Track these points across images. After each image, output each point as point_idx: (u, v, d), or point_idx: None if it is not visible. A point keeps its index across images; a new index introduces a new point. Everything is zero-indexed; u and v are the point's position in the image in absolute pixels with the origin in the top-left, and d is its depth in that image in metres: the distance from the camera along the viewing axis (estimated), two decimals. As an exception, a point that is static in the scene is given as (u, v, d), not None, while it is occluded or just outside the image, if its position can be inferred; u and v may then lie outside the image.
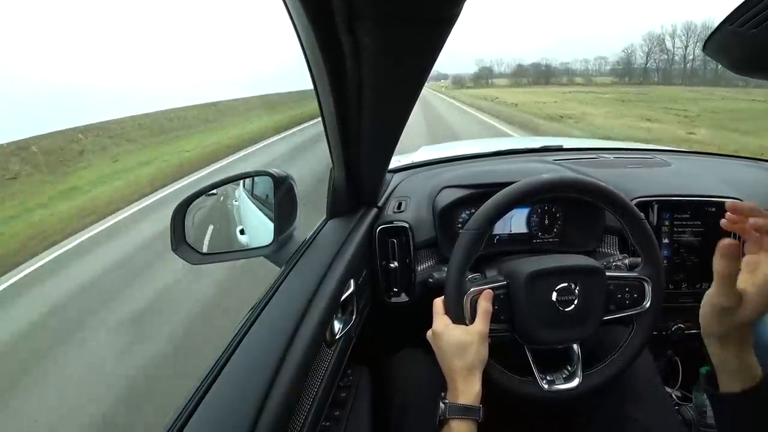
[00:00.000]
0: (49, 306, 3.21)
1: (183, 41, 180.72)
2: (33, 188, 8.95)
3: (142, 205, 6.33)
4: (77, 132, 14.78)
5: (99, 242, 4.86)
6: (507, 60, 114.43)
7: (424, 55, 0.39)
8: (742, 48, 0.41)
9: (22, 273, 4.11)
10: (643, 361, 0.73)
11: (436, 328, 0.61)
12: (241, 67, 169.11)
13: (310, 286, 0.64)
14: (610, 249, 0.98)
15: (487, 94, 39.77)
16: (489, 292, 0.62)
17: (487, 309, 0.61)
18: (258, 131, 14.24)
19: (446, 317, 0.61)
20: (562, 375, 0.66)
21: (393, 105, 0.53)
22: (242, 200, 1.03)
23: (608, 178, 0.99)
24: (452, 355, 0.58)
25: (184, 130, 17.03)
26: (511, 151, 1.36)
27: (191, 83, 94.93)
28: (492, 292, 0.62)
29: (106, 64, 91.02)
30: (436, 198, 0.98)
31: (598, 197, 0.65)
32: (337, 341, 0.68)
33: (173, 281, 3.13)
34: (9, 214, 6.86)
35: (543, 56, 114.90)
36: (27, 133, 13.53)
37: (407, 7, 0.32)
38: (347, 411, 0.72)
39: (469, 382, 0.56)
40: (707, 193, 0.98)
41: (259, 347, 0.52)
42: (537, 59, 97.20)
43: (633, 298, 0.65)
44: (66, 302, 3.23)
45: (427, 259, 0.96)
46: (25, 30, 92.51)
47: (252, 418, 0.42)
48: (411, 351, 0.88)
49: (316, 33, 0.38)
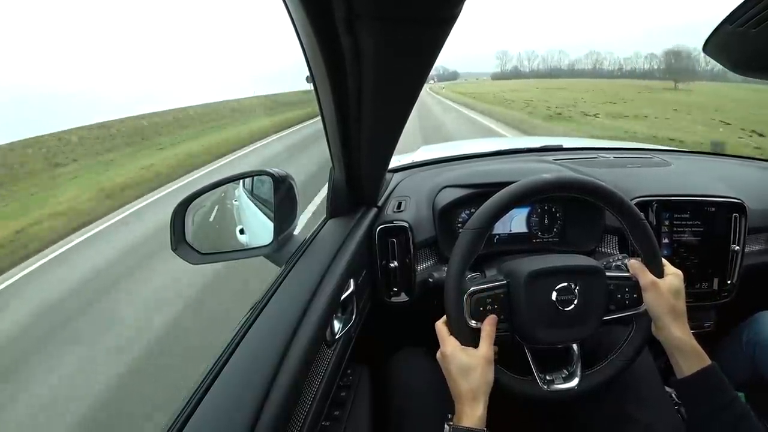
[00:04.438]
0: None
1: (182, 42, 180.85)
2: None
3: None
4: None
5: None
6: (542, 53, 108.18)
7: (423, 55, 0.39)
8: (743, 48, 0.41)
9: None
10: (643, 361, 0.74)
11: (444, 350, 0.61)
12: (239, 68, 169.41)
13: (310, 286, 0.64)
14: (610, 249, 0.98)
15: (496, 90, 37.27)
16: (493, 317, 0.62)
17: (491, 333, 0.61)
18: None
19: (452, 339, 0.61)
20: (562, 375, 0.66)
21: (393, 105, 0.53)
22: (242, 200, 1.03)
23: (608, 177, 0.99)
24: (458, 378, 0.58)
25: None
26: (511, 151, 1.36)
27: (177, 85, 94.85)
28: (496, 317, 0.62)
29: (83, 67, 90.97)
30: (436, 198, 0.98)
31: (599, 197, 0.65)
32: (337, 341, 0.68)
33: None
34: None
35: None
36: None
37: (407, 7, 0.32)
38: (347, 410, 0.72)
39: (473, 406, 0.56)
40: (706, 192, 0.98)
41: (259, 347, 0.52)
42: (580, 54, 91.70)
43: (633, 299, 0.65)
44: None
45: (426, 259, 0.96)
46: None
47: (252, 417, 0.42)
48: (411, 350, 0.88)
49: (316, 33, 0.38)
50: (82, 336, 2.66)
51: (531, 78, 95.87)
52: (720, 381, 0.57)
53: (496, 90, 39.08)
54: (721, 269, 0.98)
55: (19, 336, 2.81)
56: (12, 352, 2.62)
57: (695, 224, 0.97)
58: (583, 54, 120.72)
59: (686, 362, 0.59)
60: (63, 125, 16.08)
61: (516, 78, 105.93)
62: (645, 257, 0.65)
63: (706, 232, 0.97)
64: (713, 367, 0.58)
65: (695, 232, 0.97)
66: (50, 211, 6.35)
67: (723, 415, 0.55)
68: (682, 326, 0.60)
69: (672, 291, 0.61)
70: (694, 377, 0.58)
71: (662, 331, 0.61)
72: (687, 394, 0.60)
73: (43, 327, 2.87)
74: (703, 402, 0.57)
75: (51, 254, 4.69)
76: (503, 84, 60.96)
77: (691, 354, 0.59)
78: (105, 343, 2.49)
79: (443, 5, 0.31)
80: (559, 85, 46.11)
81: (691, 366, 0.58)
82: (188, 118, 21.69)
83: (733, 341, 0.94)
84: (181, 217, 0.70)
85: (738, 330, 0.94)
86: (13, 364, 2.43)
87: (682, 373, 0.59)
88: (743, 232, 0.96)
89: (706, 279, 0.98)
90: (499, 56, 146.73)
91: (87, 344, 2.53)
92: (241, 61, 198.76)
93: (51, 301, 3.32)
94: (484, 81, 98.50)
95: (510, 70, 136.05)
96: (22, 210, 6.82)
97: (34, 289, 3.79)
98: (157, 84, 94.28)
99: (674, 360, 0.61)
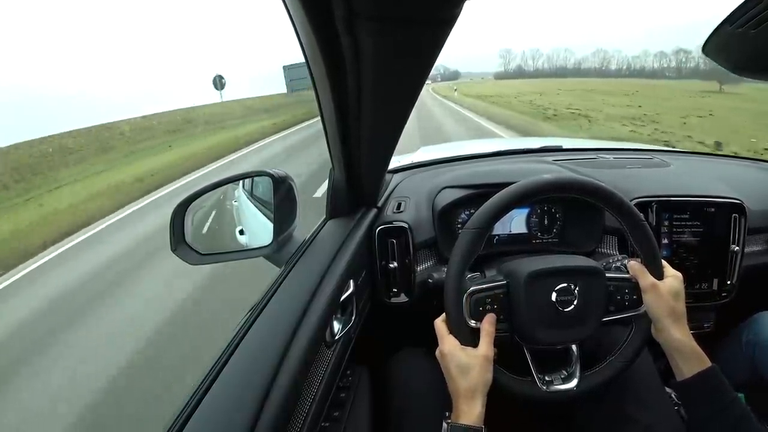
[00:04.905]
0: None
1: (182, 41, 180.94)
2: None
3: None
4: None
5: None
6: (547, 52, 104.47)
7: (423, 55, 0.39)
8: (743, 49, 0.41)
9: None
10: (643, 362, 0.73)
11: (443, 348, 0.61)
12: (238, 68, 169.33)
13: (310, 287, 0.64)
14: (610, 249, 0.98)
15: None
16: (492, 316, 0.62)
17: (490, 332, 0.61)
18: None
19: (452, 337, 0.61)
20: (560, 375, 0.65)
21: (392, 105, 0.53)
22: (242, 200, 1.03)
23: (607, 178, 0.99)
24: (457, 377, 0.58)
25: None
26: (511, 152, 1.36)
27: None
28: (495, 316, 0.62)
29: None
30: (436, 198, 0.98)
31: (599, 198, 0.65)
32: (336, 342, 0.68)
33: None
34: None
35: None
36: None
37: (407, 7, 0.32)
38: (347, 411, 0.72)
39: (471, 404, 0.57)
40: (706, 193, 0.98)
41: (258, 347, 0.52)
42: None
43: (632, 300, 0.65)
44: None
45: (426, 260, 0.96)
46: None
47: (252, 418, 0.42)
48: (410, 351, 0.88)
49: (315, 33, 0.38)
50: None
51: (536, 78, 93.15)
52: (720, 383, 0.57)
53: (510, 91, 32.47)
54: (721, 270, 0.98)
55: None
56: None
57: (695, 225, 0.97)
58: (590, 52, 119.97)
59: (686, 364, 0.59)
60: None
61: (520, 77, 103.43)
62: (645, 258, 0.65)
63: (705, 233, 0.97)
64: (713, 369, 0.58)
65: (695, 232, 0.97)
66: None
67: (723, 417, 0.55)
68: (681, 328, 0.60)
69: (672, 293, 0.61)
70: (694, 379, 0.58)
71: (662, 333, 0.61)
72: (687, 397, 0.60)
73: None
74: (703, 404, 0.57)
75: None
76: (516, 85, 50.32)
77: (691, 356, 0.59)
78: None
79: (443, 6, 0.31)
80: (585, 86, 38.31)
81: (691, 368, 0.58)
82: (117, 137, 16.68)
83: (733, 342, 0.94)
84: (180, 217, 0.70)
85: (738, 330, 0.94)
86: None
87: (682, 375, 0.59)
88: (743, 233, 0.96)
89: (706, 279, 0.98)
90: (503, 55, 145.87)
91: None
92: (207, 60, 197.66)
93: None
94: (488, 81, 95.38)
95: (514, 69, 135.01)
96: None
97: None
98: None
99: (674, 362, 0.61)
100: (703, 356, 0.59)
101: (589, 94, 26.30)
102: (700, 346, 0.60)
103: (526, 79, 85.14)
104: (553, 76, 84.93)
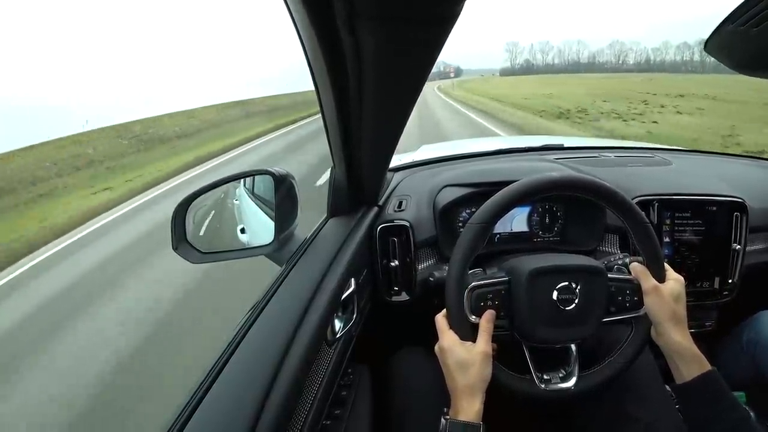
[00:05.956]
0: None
1: (181, 42, 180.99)
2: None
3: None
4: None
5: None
6: (558, 44, 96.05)
7: (424, 53, 0.39)
8: (744, 47, 0.41)
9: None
10: (644, 360, 0.73)
11: (443, 343, 0.61)
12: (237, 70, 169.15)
13: (311, 285, 0.64)
14: (611, 248, 0.98)
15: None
16: (491, 313, 0.62)
17: (488, 329, 0.61)
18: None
19: (451, 333, 0.61)
20: (559, 374, 0.65)
21: (393, 104, 0.53)
22: (243, 199, 1.03)
23: (609, 176, 0.99)
24: (455, 373, 0.58)
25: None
26: (512, 150, 1.35)
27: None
28: (494, 312, 0.62)
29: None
30: (437, 197, 0.98)
31: (601, 197, 0.65)
32: (337, 340, 0.68)
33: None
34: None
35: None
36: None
37: (407, 6, 0.32)
38: (348, 410, 0.72)
39: (470, 401, 0.57)
40: (708, 192, 0.98)
41: (259, 346, 0.52)
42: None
43: (633, 301, 0.65)
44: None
45: (427, 258, 0.96)
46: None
47: (253, 416, 0.42)
48: (411, 350, 0.88)
49: (317, 33, 0.38)
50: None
51: (545, 73, 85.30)
52: (720, 386, 0.57)
53: (525, 91, 24.88)
54: (722, 268, 0.98)
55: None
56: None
57: (696, 223, 0.97)
58: (606, 44, 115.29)
59: (686, 367, 0.59)
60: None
61: (527, 74, 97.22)
62: (647, 259, 0.65)
63: (707, 231, 0.97)
64: (713, 373, 0.58)
65: (696, 231, 0.97)
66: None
67: (723, 420, 0.55)
68: (682, 331, 0.60)
69: (673, 296, 0.61)
70: (693, 382, 0.57)
71: (662, 336, 0.61)
72: (686, 399, 0.60)
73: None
74: (703, 407, 0.57)
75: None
76: (529, 82, 41.41)
77: (691, 359, 0.59)
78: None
79: (443, 5, 0.31)
80: (622, 85, 29.15)
81: (691, 371, 0.58)
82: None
83: (734, 341, 0.94)
84: (181, 216, 0.71)
85: (739, 329, 0.94)
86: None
87: (682, 378, 0.59)
88: (744, 231, 0.96)
89: (707, 278, 0.98)
90: (509, 48, 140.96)
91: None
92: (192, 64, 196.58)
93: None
94: (493, 78, 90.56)
95: (521, 65, 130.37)
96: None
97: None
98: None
99: (674, 365, 0.61)
100: (703, 359, 0.59)
101: (642, 95, 19.21)
102: (701, 345, 0.60)
103: (547, 75, 75.38)
104: (565, 71, 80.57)
